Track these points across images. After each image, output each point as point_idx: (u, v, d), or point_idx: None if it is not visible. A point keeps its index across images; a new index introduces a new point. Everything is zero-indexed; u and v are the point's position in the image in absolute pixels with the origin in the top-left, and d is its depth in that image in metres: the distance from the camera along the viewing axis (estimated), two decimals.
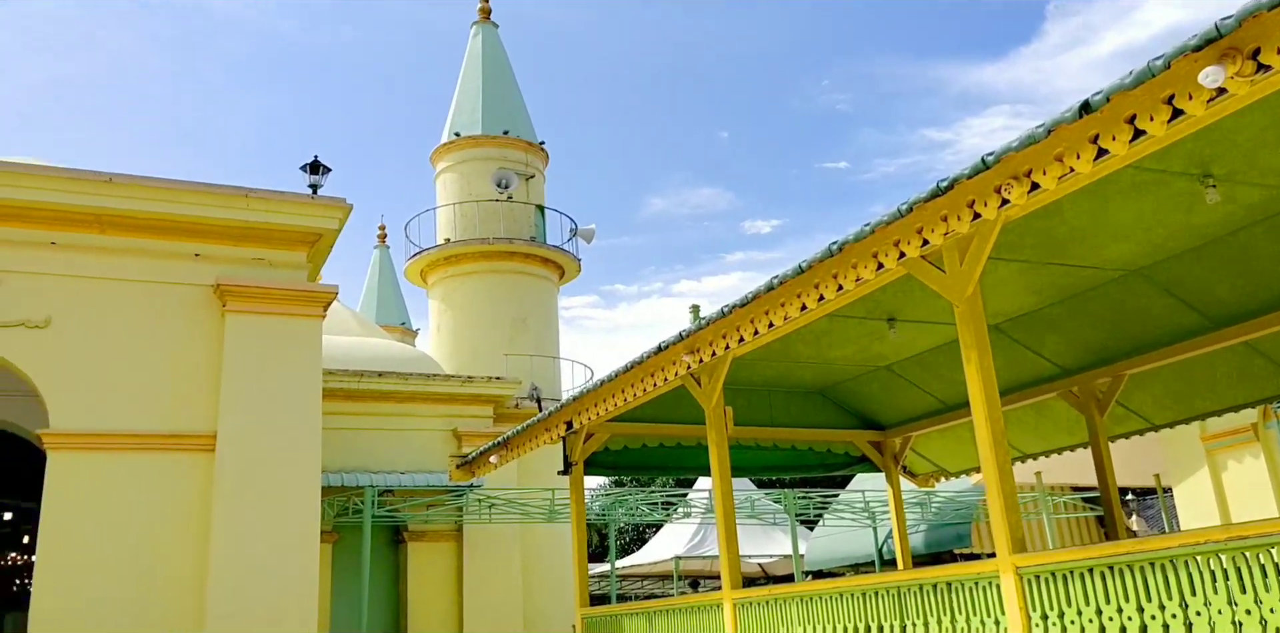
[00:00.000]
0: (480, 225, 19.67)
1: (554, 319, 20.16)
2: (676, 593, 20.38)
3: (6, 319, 10.84)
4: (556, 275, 20.45)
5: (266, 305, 11.76)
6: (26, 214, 11.10)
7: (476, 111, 20.75)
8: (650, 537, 27.19)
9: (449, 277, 19.71)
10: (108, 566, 10.41)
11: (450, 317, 19.51)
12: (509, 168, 20.29)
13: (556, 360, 19.75)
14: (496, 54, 21.85)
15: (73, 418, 10.79)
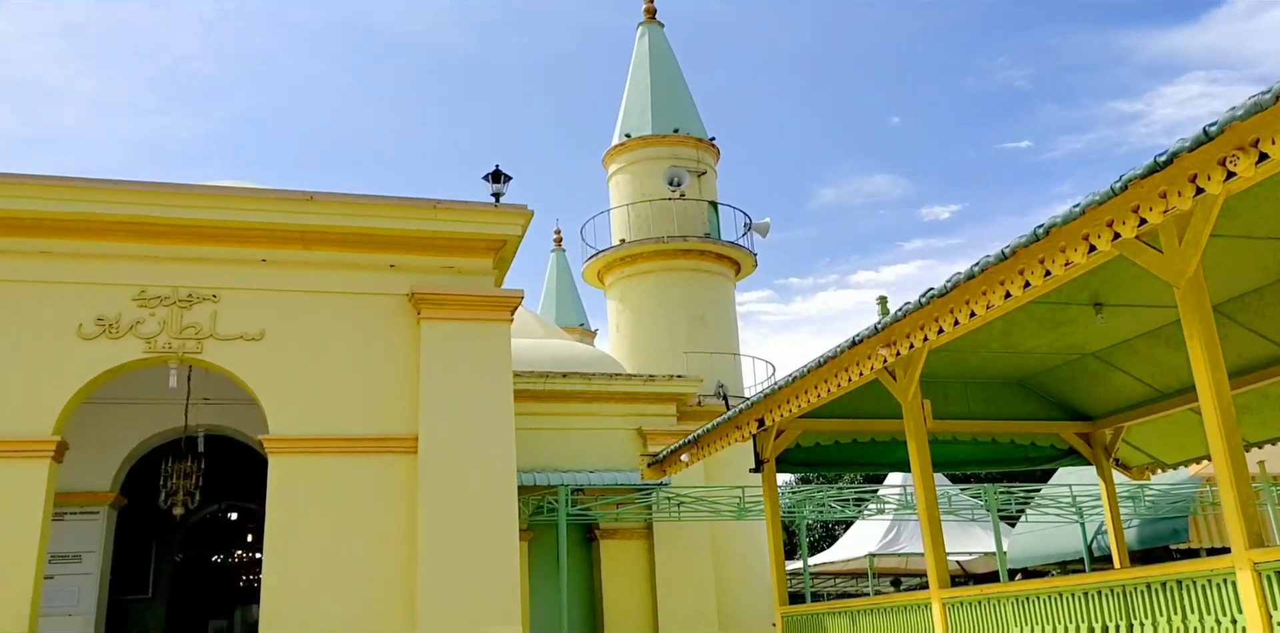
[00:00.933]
0: (654, 224, 19.82)
1: (732, 315, 20.11)
2: (872, 592, 19.97)
3: (227, 333, 11.61)
4: (733, 271, 20.40)
5: (458, 311, 12.18)
6: (239, 234, 11.86)
7: (646, 112, 20.92)
8: (840, 534, 26.77)
9: (626, 277, 19.95)
10: (328, 561, 11.01)
11: (629, 316, 19.73)
12: (680, 166, 20.36)
13: (737, 357, 19.69)
14: (663, 53, 21.97)
15: (289, 424, 11.45)
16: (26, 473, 10.58)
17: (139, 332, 11.36)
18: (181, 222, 11.60)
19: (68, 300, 11.28)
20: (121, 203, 11.42)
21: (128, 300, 11.45)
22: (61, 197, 11.26)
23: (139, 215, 11.47)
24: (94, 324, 11.26)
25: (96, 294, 11.38)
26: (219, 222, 11.73)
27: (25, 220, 11.24)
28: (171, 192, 11.66)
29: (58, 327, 11.16)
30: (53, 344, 11.09)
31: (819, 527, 30.98)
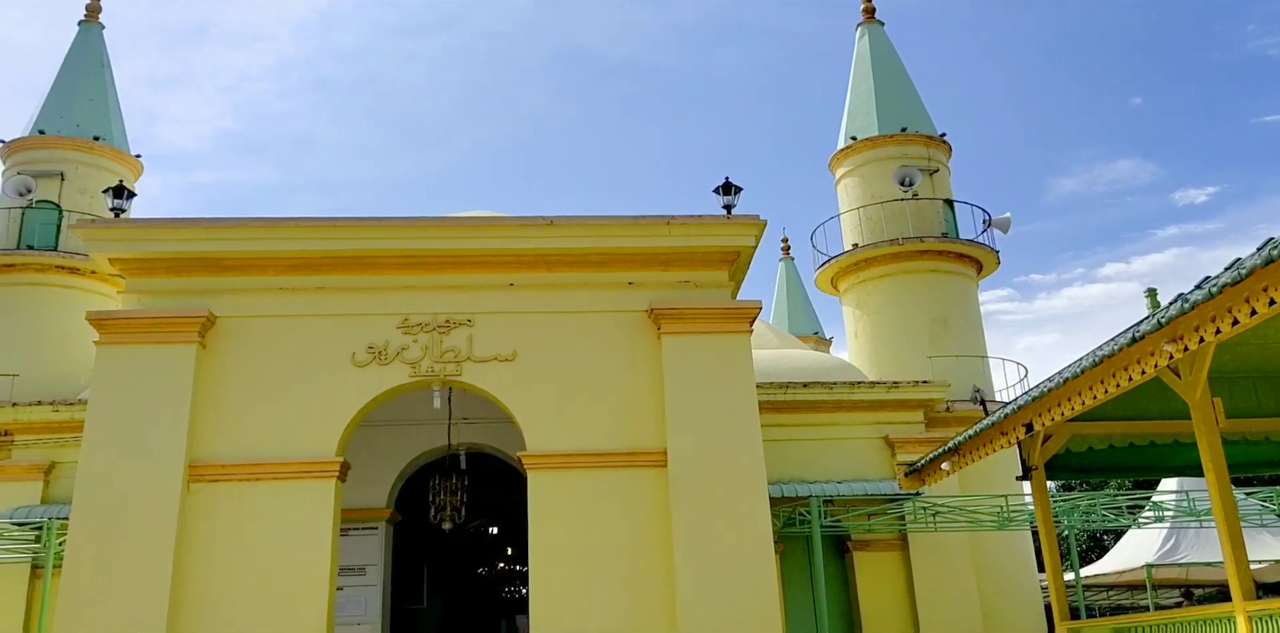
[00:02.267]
0: (887, 226, 19.33)
1: (976, 316, 19.31)
2: (1152, 605, 18.58)
3: (482, 355, 12.19)
4: (974, 270, 19.59)
5: (697, 325, 12.27)
6: (488, 261, 12.45)
7: (871, 112, 20.48)
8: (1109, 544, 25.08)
9: (861, 282, 19.54)
10: (589, 573, 11.32)
11: (867, 322, 19.30)
12: (910, 165, 19.79)
13: (984, 360, 18.87)
14: (885, 52, 21.47)
15: (545, 440, 11.88)
16: (316, 492, 11.48)
17: (405, 357, 12.11)
18: (437, 252, 12.30)
19: (342, 331, 12.17)
20: (384, 238, 12.23)
21: (393, 328, 12.23)
22: (333, 236, 12.19)
23: (400, 249, 12.25)
24: (365, 352, 12.08)
25: (366, 324, 12.22)
26: (470, 250, 12.35)
27: (302, 259, 12.23)
28: (427, 225, 12.40)
29: (335, 356, 12.05)
30: (331, 372, 11.99)
31: (1085, 537, 29.17)
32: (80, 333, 17.82)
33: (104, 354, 11.87)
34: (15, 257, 18.56)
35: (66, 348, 18.14)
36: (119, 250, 12.19)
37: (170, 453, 11.34)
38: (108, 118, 20.45)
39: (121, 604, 10.68)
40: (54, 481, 16.59)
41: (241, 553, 11.17)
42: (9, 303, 18.56)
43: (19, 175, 19.26)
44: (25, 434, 16.96)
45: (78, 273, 18.82)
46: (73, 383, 17.73)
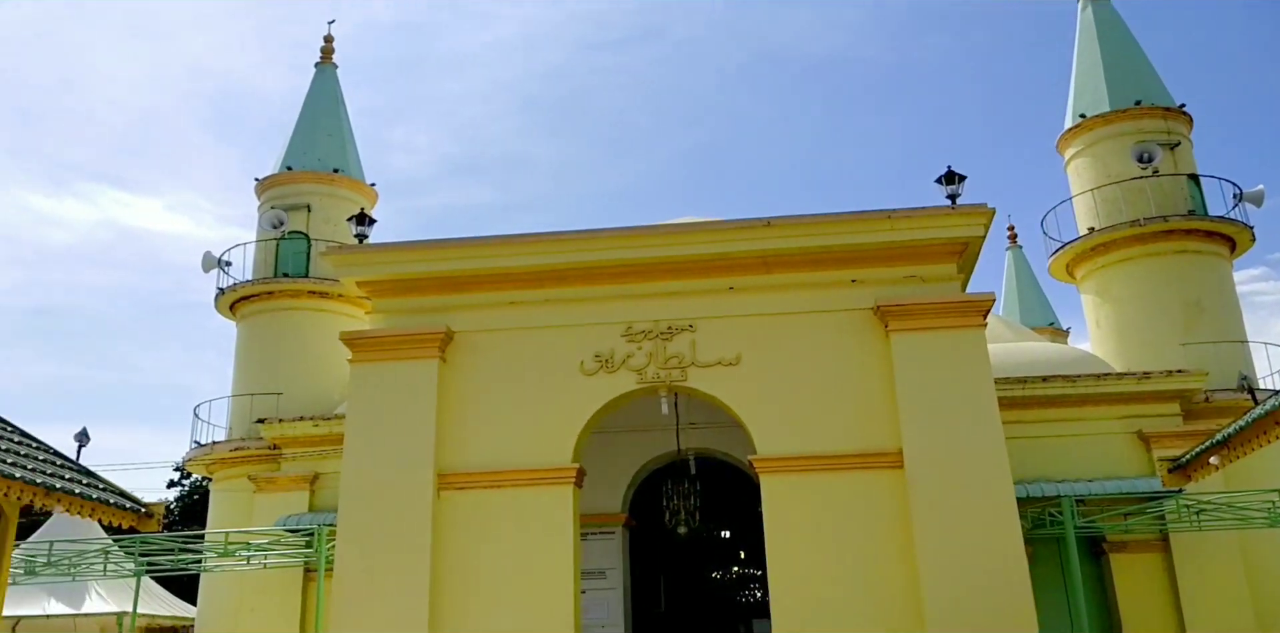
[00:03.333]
0: (1126, 207, 18.09)
1: (1232, 298, 17.77)
2: None
3: (706, 360, 12.24)
4: (1226, 249, 18.05)
5: (927, 321, 11.87)
6: (706, 265, 12.49)
7: (1100, 88, 19.25)
8: None
9: (1100, 268, 18.36)
10: (829, 576, 11.15)
11: (1109, 310, 18.12)
12: (1148, 140, 18.46)
13: (1244, 345, 17.34)
14: (1111, 23, 20.15)
15: (775, 444, 11.79)
16: (556, 497, 11.85)
17: (630, 365, 12.32)
18: (656, 259, 12.45)
19: (570, 341, 12.52)
20: (605, 248, 12.50)
21: (618, 337, 12.47)
22: (556, 249, 12.56)
23: (620, 258, 12.49)
24: (593, 360, 12.38)
25: (592, 334, 12.52)
26: (688, 256, 12.44)
27: (530, 273, 12.68)
28: (645, 233, 12.59)
29: (564, 365, 12.41)
30: (562, 381, 12.35)
31: None
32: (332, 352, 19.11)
33: (357, 371, 12.68)
34: (272, 284, 20.15)
35: (321, 366, 19.50)
36: (364, 274, 13.00)
37: (420, 462, 11.99)
38: (345, 151, 21.93)
39: (387, 606, 11.37)
40: (319, 490, 17.88)
41: (491, 556, 11.67)
42: (269, 327, 20.17)
43: (272, 210, 20.93)
44: (291, 448, 18.37)
45: (327, 297, 20.23)
46: (329, 399, 19.05)
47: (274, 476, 18.25)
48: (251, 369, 19.94)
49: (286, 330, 19.99)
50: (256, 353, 20.07)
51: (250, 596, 17.36)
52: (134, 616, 16.96)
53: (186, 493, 37.09)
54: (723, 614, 20.49)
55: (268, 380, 19.46)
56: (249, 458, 18.85)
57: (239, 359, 20.38)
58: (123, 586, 18.85)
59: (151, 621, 20.22)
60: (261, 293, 20.18)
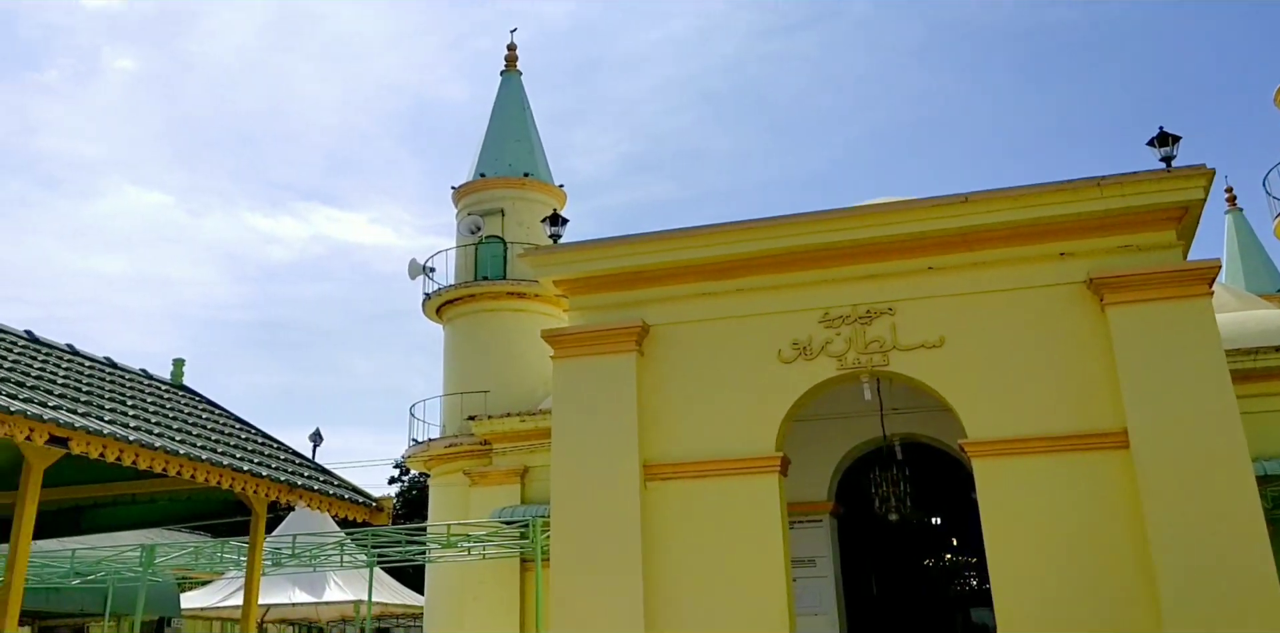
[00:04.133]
0: None
1: None
2: None
3: (908, 343, 11.96)
4: None
5: (1146, 293, 11.20)
6: (904, 246, 12.19)
7: None
8: None
9: None
10: (1054, 565, 10.69)
11: None
12: None
13: None
14: None
15: (987, 426, 11.40)
16: (761, 486, 11.85)
17: (829, 351, 12.17)
18: (851, 242, 12.24)
19: (765, 329, 12.48)
20: (797, 234, 12.38)
21: (815, 323, 12.34)
22: (747, 238, 12.54)
23: (813, 243, 12.34)
24: (790, 348, 12.30)
25: (788, 321, 12.44)
26: (883, 237, 12.17)
27: (721, 264, 12.71)
28: (837, 217, 12.39)
29: (762, 354, 12.39)
30: (760, 370, 12.33)
31: None
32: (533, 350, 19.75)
33: (559, 367, 13.06)
34: (474, 287, 21.00)
35: (524, 364, 20.18)
36: (560, 272, 13.36)
37: (626, 454, 12.23)
38: (533, 155, 22.59)
39: (604, 593, 11.68)
40: (529, 482, 18.53)
41: (700, 545, 11.79)
42: (473, 328, 21.03)
43: (469, 216, 21.79)
44: (500, 443, 19.11)
45: (525, 297, 20.91)
46: (533, 395, 19.70)
47: (487, 470, 19.02)
48: (459, 369, 20.85)
49: (489, 331, 20.79)
50: (463, 353, 20.97)
51: (473, 585, 18.18)
52: (369, 604, 18.05)
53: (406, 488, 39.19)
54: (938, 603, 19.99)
55: (475, 379, 20.30)
56: (462, 454, 19.72)
57: (447, 360, 21.35)
58: (356, 576, 20.10)
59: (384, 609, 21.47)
60: (464, 296, 21.05)
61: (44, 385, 7.70)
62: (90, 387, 8.57)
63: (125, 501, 10.23)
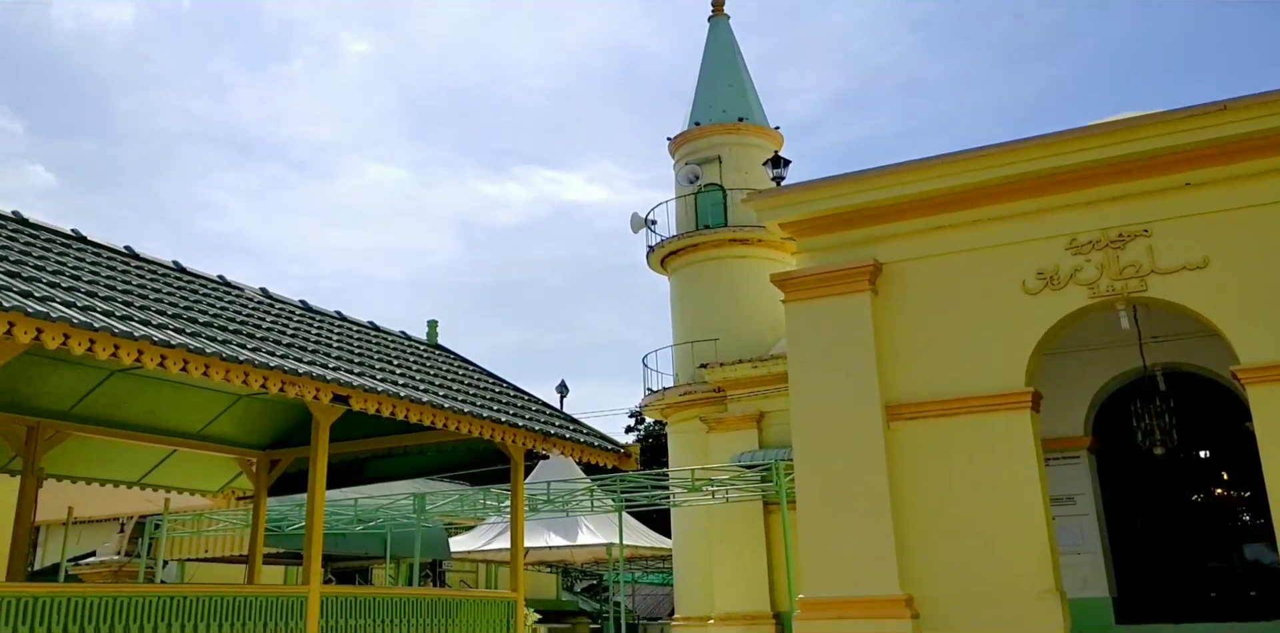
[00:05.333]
0: None
1: None
2: None
3: (1167, 266, 11.14)
4: None
5: None
6: (1155, 162, 11.30)
7: None
8: None
9: None
10: None
11: None
12: None
13: None
14: None
15: (1261, 351, 10.52)
16: (1012, 423, 11.44)
17: (1079, 279, 11.52)
18: (1098, 162, 11.47)
19: (1006, 261, 11.93)
20: (1035, 158, 11.72)
21: (1060, 250, 11.69)
22: (980, 166, 11.98)
23: (1053, 166, 11.64)
24: (1035, 279, 11.72)
25: (1030, 250, 11.85)
26: (1133, 153, 11.34)
27: (954, 195, 12.21)
28: (1079, 136, 11.62)
29: (1004, 286, 11.87)
30: (1003, 303, 11.83)
31: None
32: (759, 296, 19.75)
33: (791, 311, 13.00)
34: (696, 237, 21.14)
35: (752, 310, 20.22)
36: (786, 215, 13.22)
37: (867, 395, 12.08)
38: (746, 99, 22.37)
39: (853, 534, 11.66)
40: (766, 427, 18.67)
41: (951, 484, 11.54)
42: (698, 278, 21.23)
43: (686, 166, 21.89)
44: (734, 389, 19.31)
45: (748, 243, 20.88)
46: (763, 341, 19.73)
47: (723, 416, 19.29)
48: (688, 319, 21.15)
49: (715, 279, 20.93)
50: (690, 303, 21.23)
51: (719, 527, 18.59)
52: (620, 546, 18.80)
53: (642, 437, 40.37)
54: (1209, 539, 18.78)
55: (704, 328, 20.54)
56: (697, 401, 20.07)
57: (675, 310, 21.69)
58: (606, 520, 20.96)
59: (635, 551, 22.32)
60: (687, 246, 21.24)
61: (322, 349, 8.38)
62: (360, 349, 9.27)
63: (398, 453, 11.05)
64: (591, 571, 31.98)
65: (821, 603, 11.62)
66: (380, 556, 20.98)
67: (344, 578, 23.36)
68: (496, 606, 9.51)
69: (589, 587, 35.39)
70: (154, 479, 11.30)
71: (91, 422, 9.42)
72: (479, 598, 10.09)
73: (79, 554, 20.81)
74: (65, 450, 9.72)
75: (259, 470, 11.03)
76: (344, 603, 7.89)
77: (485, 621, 9.22)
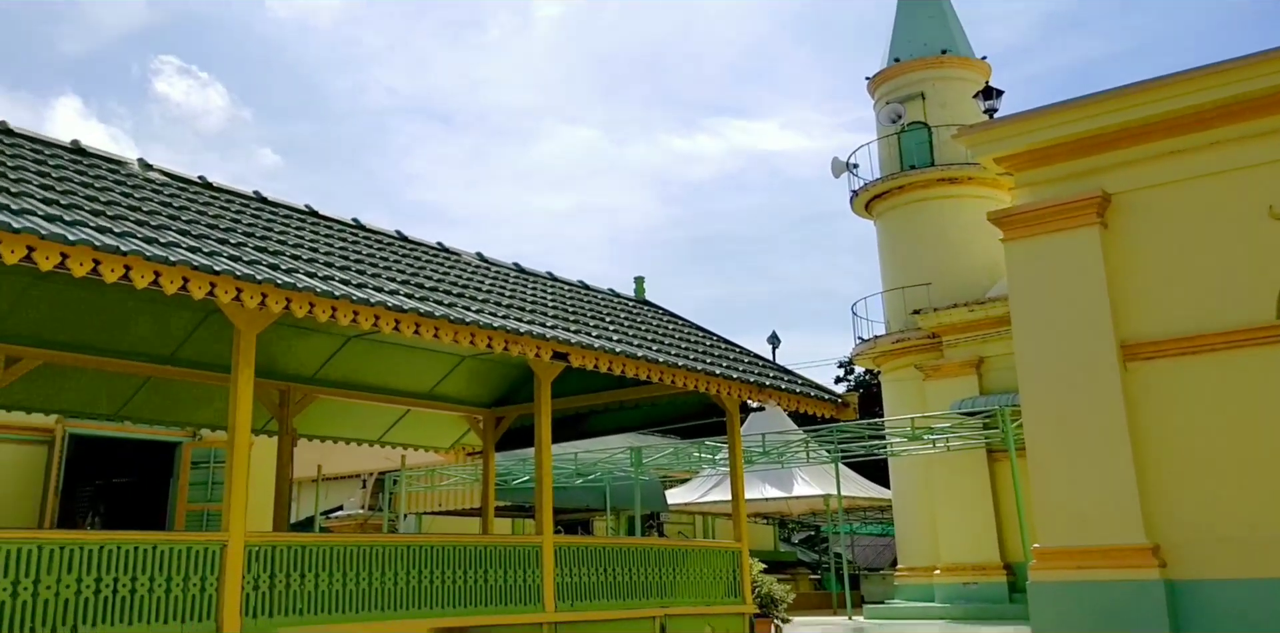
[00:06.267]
0: None
1: None
2: None
3: None
4: None
5: None
6: None
7: None
8: None
9: None
10: None
11: None
12: None
13: None
14: None
15: None
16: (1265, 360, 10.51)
17: None
18: None
19: (1246, 185, 10.89)
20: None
21: None
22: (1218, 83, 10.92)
23: None
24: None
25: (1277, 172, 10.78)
26: None
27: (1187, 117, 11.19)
28: None
29: (1247, 213, 10.84)
30: (1248, 232, 10.82)
31: None
32: (971, 237, 18.96)
33: (1012, 250, 12.35)
34: (902, 178, 20.43)
35: (964, 252, 19.43)
36: (1001, 148, 12.51)
37: (1098, 335, 11.37)
38: (948, 30, 21.29)
39: (1090, 486, 11.06)
40: (986, 373, 18.00)
41: (1197, 430, 10.74)
42: (905, 220, 20.54)
43: (888, 105, 21.12)
44: (950, 334, 18.67)
45: (957, 182, 20.02)
46: (978, 283, 18.95)
47: (939, 363, 18.71)
48: (897, 264, 20.55)
49: (923, 221, 20.21)
50: (899, 247, 20.61)
51: (941, 477, 18.13)
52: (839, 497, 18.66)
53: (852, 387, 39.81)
54: None
55: (914, 272, 19.91)
56: (911, 348, 19.54)
57: (883, 256, 21.10)
58: (821, 471, 20.84)
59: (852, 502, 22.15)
60: (892, 188, 20.58)
61: (539, 309, 8.61)
62: (573, 307, 9.47)
63: (614, 408, 11.30)
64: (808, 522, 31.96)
65: (1060, 553, 11.12)
66: (599, 508, 21.66)
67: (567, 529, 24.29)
68: (722, 555, 9.61)
69: (806, 538, 35.42)
70: (391, 437, 12.02)
71: (334, 385, 10.09)
72: (705, 548, 10.22)
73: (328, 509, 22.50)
74: (312, 412, 10.44)
75: (485, 427, 11.53)
76: (575, 552, 8.16)
77: (711, 570, 9.34)
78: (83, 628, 5.19)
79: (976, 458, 17.55)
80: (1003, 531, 17.38)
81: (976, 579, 17.39)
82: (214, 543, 5.85)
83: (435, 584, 7.02)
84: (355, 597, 6.50)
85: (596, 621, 8.05)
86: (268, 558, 6.09)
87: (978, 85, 19.20)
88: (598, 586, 8.19)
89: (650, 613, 8.50)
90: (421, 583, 6.94)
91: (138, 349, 8.62)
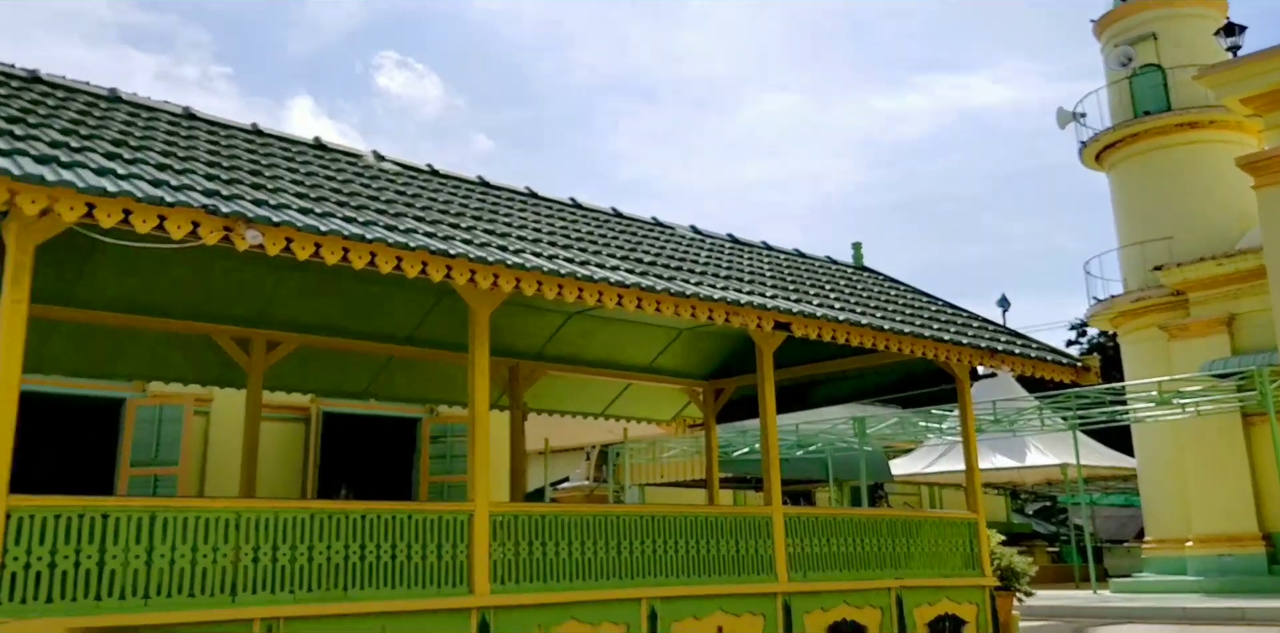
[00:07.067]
0: None
1: None
2: None
3: None
4: None
5: None
6: None
7: None
8: None
9: None
10: None
11: None
12: None
13: None
14: None
15: None
16: None
17: None
18: None
19: None
20: None
21: None
22: None
23: None
24: None
25: None
26: None
27: None
28: None
29: None
30: None
31: None
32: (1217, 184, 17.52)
33: (1266, 197, 11.38)
34: (1136, 125, 19.06)
35: (1210, 201, 17.98)
36: (1250, 88, 11.54)
37: None
38: None
39: None
40: (1238, 331, 16.63)
41: None
42: (1142, 170, 19.16)
43: (1116, 48, 19.71)
44: (1196, 291, 17.35)
45: (1198, 127, 18.51)
46: (1226, 235, 17.48)
47: (1185, 322, 17.44)
48: (1134, 217, 19.25)
49: (1162, 170, 18.82)
50: (1135, 200, 19.29)
51: (1191, 443, 16.94)
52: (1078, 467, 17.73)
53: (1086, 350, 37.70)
54: None
55: (1153, 226, 18.60)
56: (1152, 307, 18.30)
57: (1118, 209, 19.81)
58: (1055, 439, 19.83)
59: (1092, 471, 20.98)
60: (1125, 137, 19.25)
61: (757, 279, 8.56)
62: (791, 276, 9.36)
63: (837, 377, 11.12)
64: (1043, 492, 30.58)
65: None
66: (821, 479, 21.47)
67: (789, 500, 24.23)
68: (958, 526, 9.33)
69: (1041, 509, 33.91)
70: (614, 410, 12.30)
71: (559, 361, 10.40)
72: (940, 519, 9.94)
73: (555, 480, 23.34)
74: (540, 388, 10.81)
75: (705, 399, 11.61)
76: (805, 522, 8.11)
77: (947, 541, 9.08)
78: (352, 589, 5.59)
79: (1230, 422, 16.25)
80: (1260, 499, 16.10)
81: (1232, 551, 16.19)
82: (462, 513, 6.16)
83: (668, 554, 7.14)
84: (592, 565, 6.71)
85: (831, 592, 7.98)
86: (510, 527, 6.36)
87: (1216, 22, 17.67)
88: (829, 556, 8.11)
89: (885, 584, 8.35)
90: (656, 553, 7.07)
91: (382, 331, 9.17)
